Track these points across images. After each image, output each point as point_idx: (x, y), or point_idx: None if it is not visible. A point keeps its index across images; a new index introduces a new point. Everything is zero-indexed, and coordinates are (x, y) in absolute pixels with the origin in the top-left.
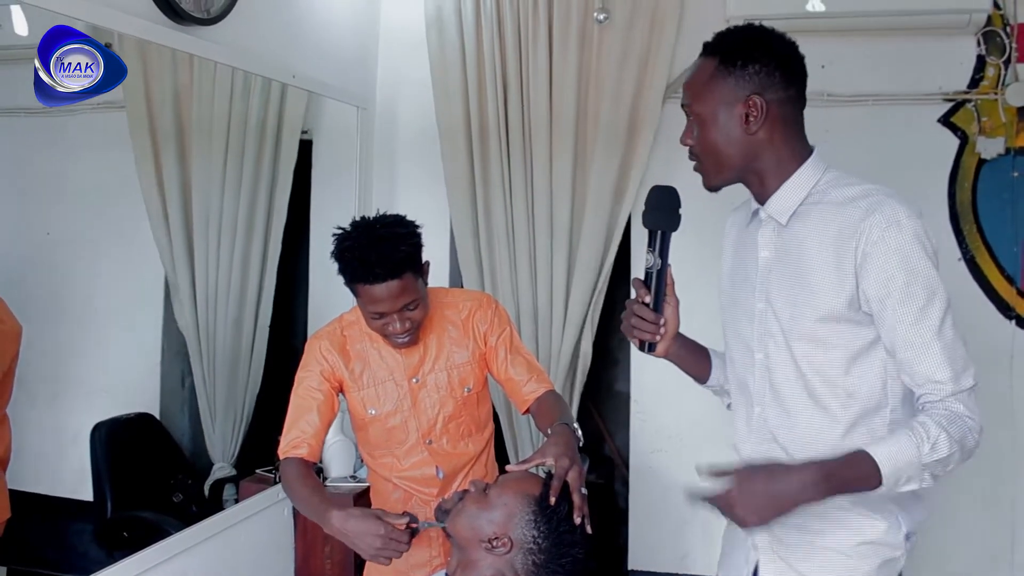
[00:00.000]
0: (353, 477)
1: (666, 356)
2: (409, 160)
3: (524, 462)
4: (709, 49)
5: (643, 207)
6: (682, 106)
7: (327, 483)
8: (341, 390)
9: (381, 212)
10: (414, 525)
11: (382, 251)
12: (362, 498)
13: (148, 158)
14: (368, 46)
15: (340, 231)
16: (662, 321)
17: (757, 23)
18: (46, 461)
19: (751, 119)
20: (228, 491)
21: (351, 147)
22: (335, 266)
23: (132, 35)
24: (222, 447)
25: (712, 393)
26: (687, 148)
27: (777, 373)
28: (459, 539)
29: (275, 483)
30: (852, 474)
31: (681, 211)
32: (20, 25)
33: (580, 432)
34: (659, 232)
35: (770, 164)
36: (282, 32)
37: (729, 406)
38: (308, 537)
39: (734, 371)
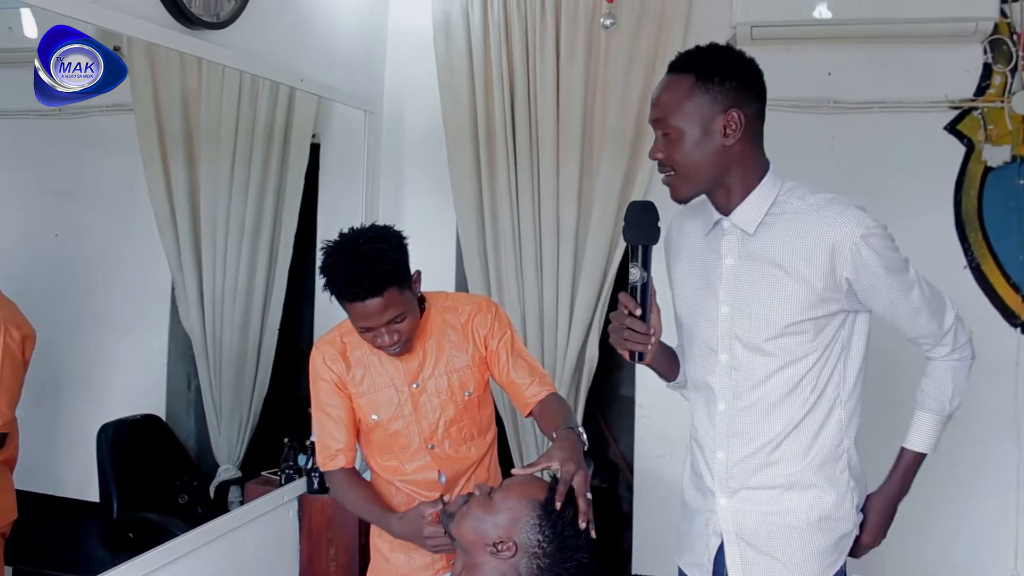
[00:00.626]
0: None
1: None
2: (416, 164)
3: (529, 466)
4: (681, 66)
5: (623, 223)
6: (652, 122)
7: None
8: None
9: (372, 223)
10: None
11: (363, 269)
12: None
13: (156, 161)
14: (375, 50)
15: (326, 245)
16: (651, 331)
17: (724, 42)
18: (52, 462)
19: (729, 132)
20: (233, 493)
21: (358, 151)
22: None
23: (142, 39)
24: (228, 449)
25: (672, 389)
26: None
27: (742, 373)
28: (464, 542)
29: (280, 485)
30: (911, 472)
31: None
32: (30, 28)
33: (585, 436)
34: (641, 246)
35: (738, 176)
36: (290, 36)
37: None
38: (313, 539)
39: (694, 371)
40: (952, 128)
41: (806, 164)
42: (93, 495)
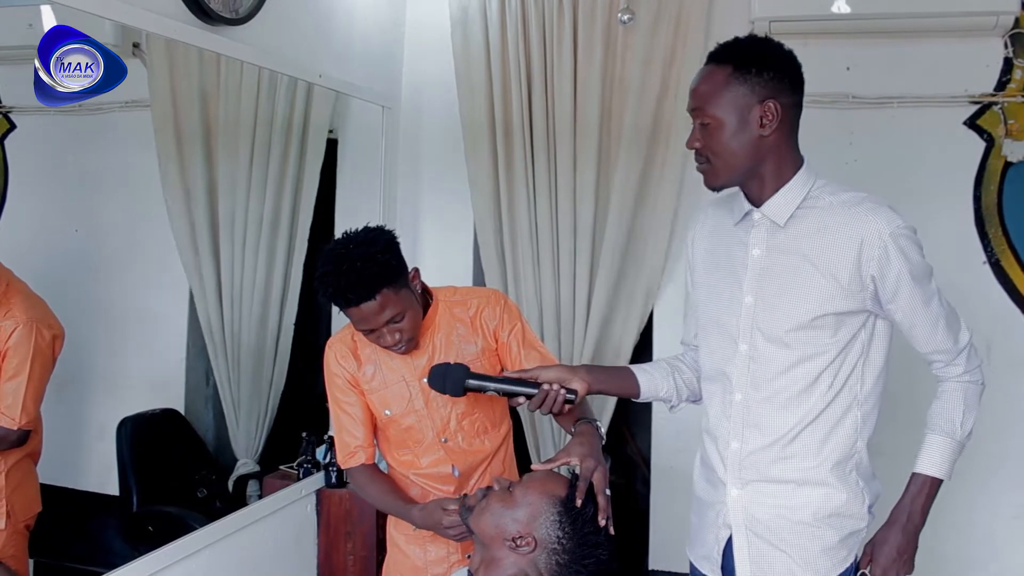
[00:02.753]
0: None
1: (590, 392)
2: (433, 159)
3: (549, 461)
4: (719, 57)
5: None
6: (691, 111)
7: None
8: None
9: (366, 224)
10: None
11: (351, 276)
12: None
13: (172, 157)
14: (393, 46)
15: (322, 255)
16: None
17: (762, 34)
18: (72, 455)
19: (766, 122)
20: (252, 487)
21: (376, 146)
22: None
23: (162, 35)
24: (246, 443)
25: (672, 412)
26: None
27: (760, 364)
28: (483, 537)
29: (298, 479)
30: (923, 497)
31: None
32: (50, 24)
33: (603, 429)
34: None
35: (772, 168)
36: (309, 32)
37: (672, 409)
38: (331, 532)
39: (711, 360)
40: (972, 123)
41: (824, 159)
42: (113, 489)
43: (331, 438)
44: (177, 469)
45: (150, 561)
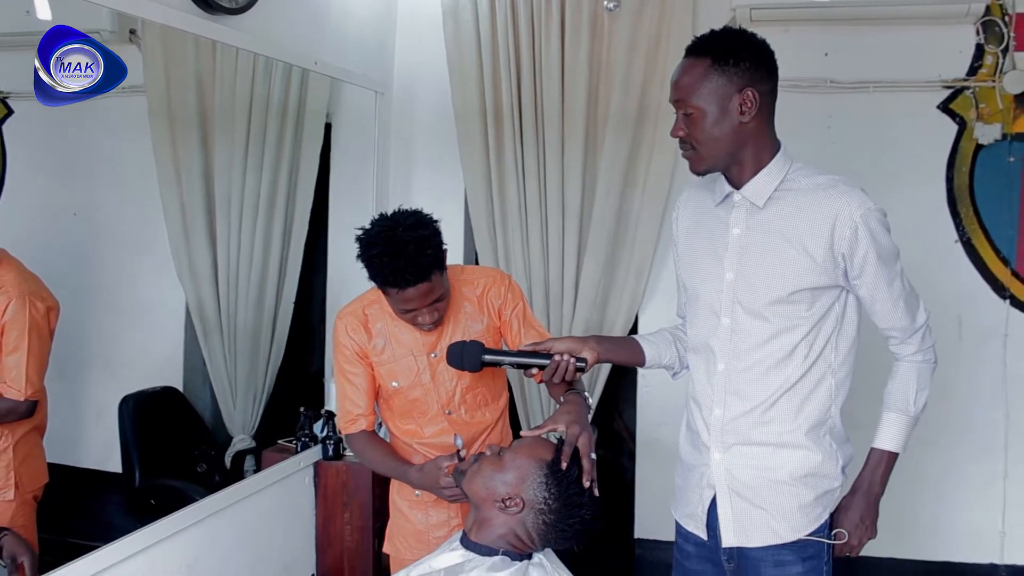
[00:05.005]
0: None
1: (599, 361)
2: (425, 143)
3: (537, 428)
4: (698, 50)
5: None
6: (673, 102)
7: (346, 453)
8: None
9: (399, 207)
10: (462, 454)
11: (409, 258)
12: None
13: (166, 142)
14: (386, 32)
15: (363, 234)
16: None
17: (743, 20)
18: (73, 434)
19: (745, 110)
20: (248, 462)
21: (369, 130)
22: (353, 247)
23: (163, 24)
24: (243, 420)
25: (675, 379)
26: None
27: (741, 336)
28: (475, 498)
29: (296, 452)
30: (881, 469)
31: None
32: (44, 11)
33: (591, 400)
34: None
35: (751, 152)
36: (305, 20)
37: (675, 376)
38: (328, 503)
39: (696, 333)
40: (945, 107)
41: (803, 143)
42: (113, 466)
43: (328, 412)
44: (177, 445)
45: (156, 529)
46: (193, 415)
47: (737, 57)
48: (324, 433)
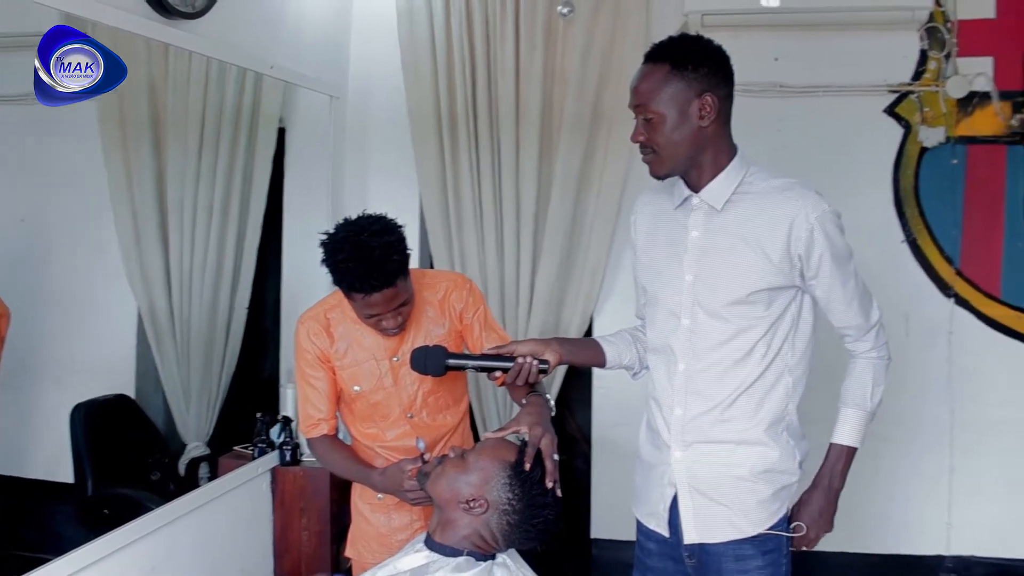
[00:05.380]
0: None
1: (561, 362)
2: (380, 147)
3: (500, 430)
4: (657, 56)
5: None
6: (633, 107)
7: (304, 459)
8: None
9: (363, 212)
10: (426, 457)
11: (376, 263)
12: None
13: (117, 146)
14: (340, 36)
15: (328, 239)
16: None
17: (695, 26)
18: (19, 444)
19: (704, 114)
20: (203, 470)
21: (323, 135)
22: (307, 251)
23: (121, 28)
24: (196, 427)
25: (635, 379)
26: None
27: (700, 336)
28: (439, 500)
29: (254, 458)
30: (841, 463)
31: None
32: None
33: (552, 403)
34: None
35: (710, 156)
36: (261, 24)
37: (634, 376)
38: (286, 509)
39: (656, 335)
40: (891, 111)
41: (754, 146)
42: (63, 475)
43: (285, 418)
44: (130, 453)
45: (111, 540)
46: (146, 423)
47: (696, 63)
48: (281, 439)
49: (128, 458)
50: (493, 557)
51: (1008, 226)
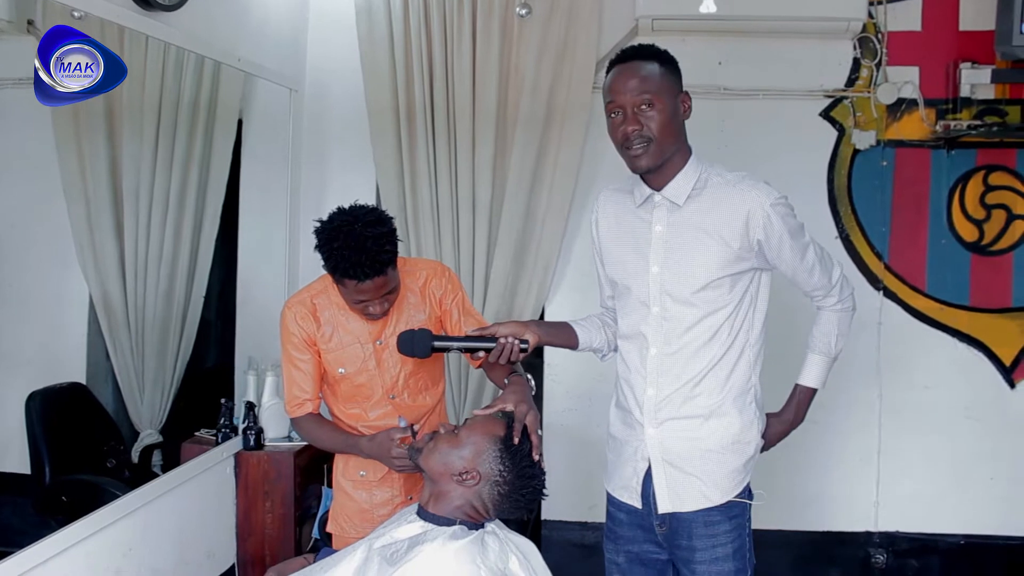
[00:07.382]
0: (288, 438)
1: (539, 343)
2: (338, 140)
3: (488, 407)
4: (643, 54)
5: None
6: (635, 98)
7: (267, 443)
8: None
9: (355, 202)
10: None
11: (369, 253)
12: (300, 456)
13: (70, 135)
14: (299, 29)
15: (322, 227)
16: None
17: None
18: None
19: (685, 110)
20: (156, 457)
21: (280, 127)
22: (264, 241)
23: (101, 18)
24: (150, 415)
25: (603, 361)
26: (621, 136)
27: (671, 322)
28: (432, 473)
29: (217, 444)
30: (805, 401)
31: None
32: None
33: (533, 382)
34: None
35: (679, 153)
36: (229, 17)
37: (603, 358)
38: (249, 493)
39: (628, 323)
40: (826, 115)
41: (699, 145)
42: (11, 465)
43: (249, 403)
44: (86, 441)
45: (72, 531)
46: (100, 411)
47: (674, 64)
48: (245, 424)
49: (83, 446)
50: (483, 526)
51: (932, 225)
